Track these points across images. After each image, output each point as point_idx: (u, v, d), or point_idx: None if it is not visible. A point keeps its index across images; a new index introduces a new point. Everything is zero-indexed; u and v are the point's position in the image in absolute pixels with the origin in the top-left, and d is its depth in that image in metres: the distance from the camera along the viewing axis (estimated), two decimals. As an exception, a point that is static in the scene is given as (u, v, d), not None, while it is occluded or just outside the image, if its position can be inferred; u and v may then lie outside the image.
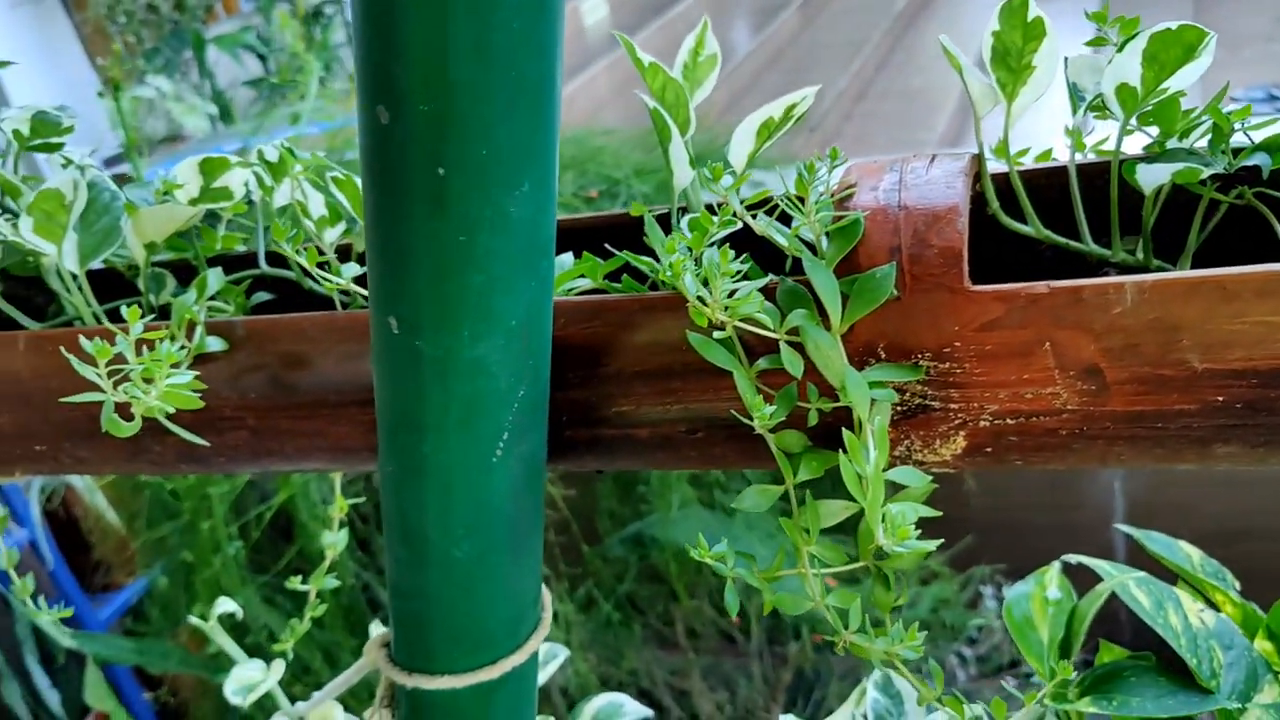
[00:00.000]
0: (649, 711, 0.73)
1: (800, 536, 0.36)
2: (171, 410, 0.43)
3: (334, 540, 0.68)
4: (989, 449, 0.39)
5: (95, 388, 0.43)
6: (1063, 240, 0.41)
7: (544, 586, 0.48)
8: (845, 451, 0.34)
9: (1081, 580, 0.62)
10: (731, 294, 0.37)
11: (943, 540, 0.39)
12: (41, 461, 0.57)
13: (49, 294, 0.60)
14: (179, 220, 0.53)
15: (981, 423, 0.39)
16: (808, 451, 0.39)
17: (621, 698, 0.73)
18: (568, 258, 0.46)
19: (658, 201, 1.30)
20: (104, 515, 1.89)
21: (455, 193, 0.33)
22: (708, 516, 1.51)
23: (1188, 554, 0.64)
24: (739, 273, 0.36)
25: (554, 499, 1.38)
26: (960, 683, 1.49)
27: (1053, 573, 0.63)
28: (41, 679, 2.12)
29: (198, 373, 0.45)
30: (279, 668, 0.74)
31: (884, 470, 0.34)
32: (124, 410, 0.44)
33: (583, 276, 0.46)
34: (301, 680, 1.28)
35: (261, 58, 2.93)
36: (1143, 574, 0.61)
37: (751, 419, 0.37)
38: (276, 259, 0.57)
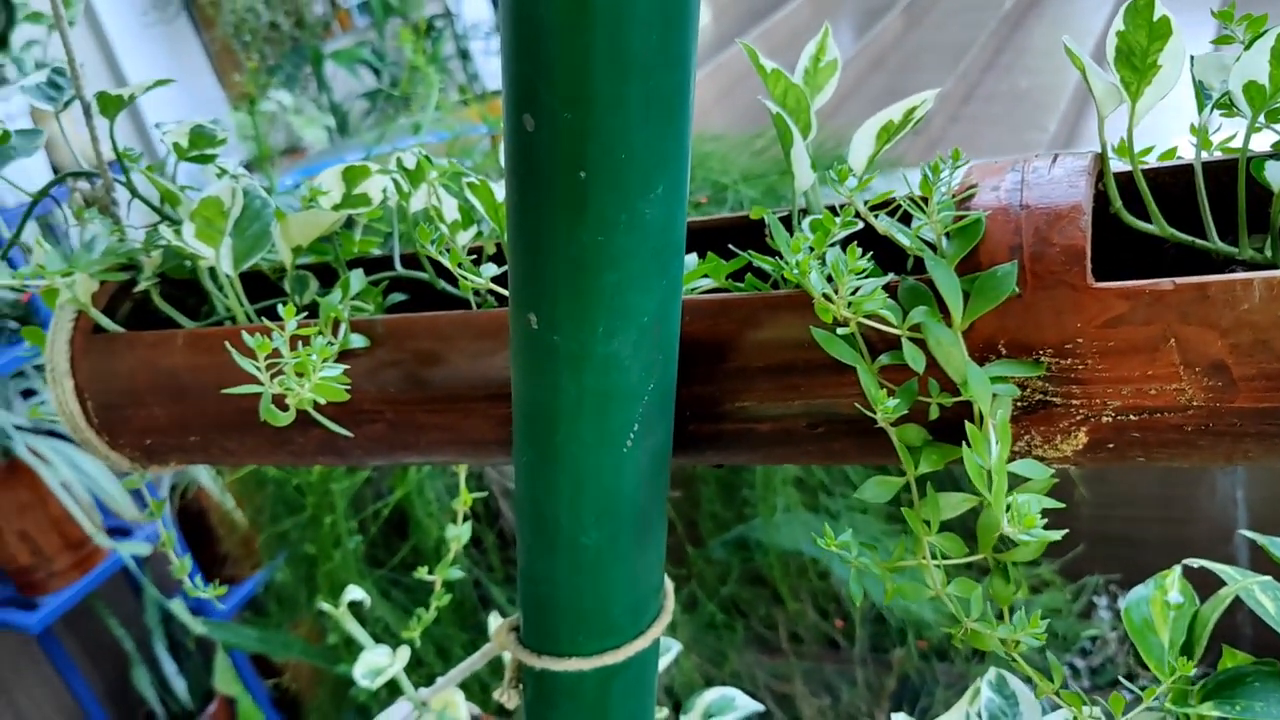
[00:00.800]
0: (760, 706, 0.74)
1: (921, 527, 0.37)
2: (322, 401, 0.46)
3: (457, 533, 0.71)
4: (1111, 444, 0.40)
5: (252, 380, 0.47)
6: (1188, 238, 0.42)
7: (665, 577, 0.50)
8: (968, 444, 0.35)
9: (1203, 590, 0.61)
10: (855, 291, 0.38)
11: (1059, 540, 0.39)
12: (193, 452, 0.62)
13: (201, 296, 0.65)
14: (323, 225, 0.57)
15: (1104, 418, 0.39)
16: (928, 445, 0.40)
17: (733, 692, 0.75)
18: (691, 258, 0.48)
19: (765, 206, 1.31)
20: (230, 511, 1.98)
21: (594, 195, 0.35)
22: (811, 520, 1.52)
23: (1317, 561, 0.62)
24: (863, 270, 0.37)
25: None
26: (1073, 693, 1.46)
27: (1173, 577, 0.62)
28: (169, 665, 2.23)
29: (346, 366, 0.48)
30: (404, 654, 0.78)
31: (1005, 463, 0.35)
32: (279, 402, 0.47)
33: (706, 276, 0.48)
34: (415, 672, 1.32)
35: (376, 71, 3.03)
36: (1268, 578, 0.60)
37: (874, 413, 0.38)
38: (410, 262, 0.60)
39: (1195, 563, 0.63)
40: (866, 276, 0.39)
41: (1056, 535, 0.34)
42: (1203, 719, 0.58)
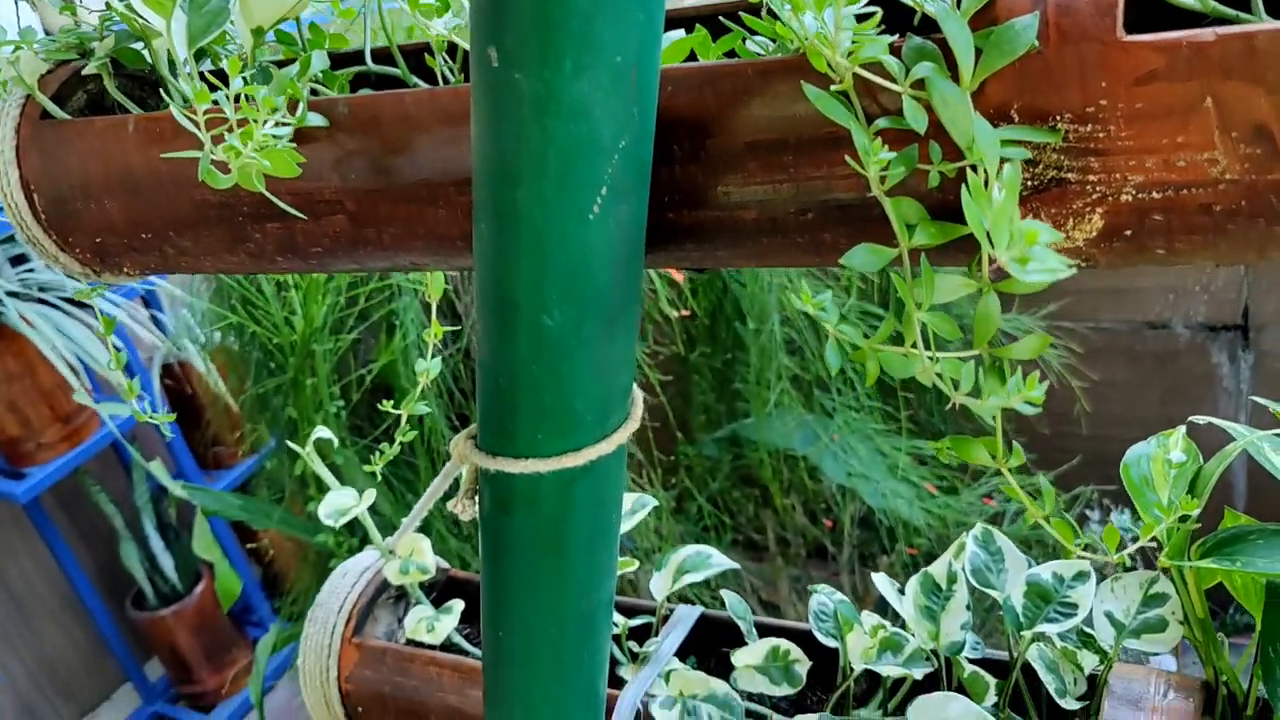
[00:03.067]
0: (734, 564, 0.71)
1: (911, 298, 0.33)
2: (267, 165, 0.42)
3: (426, 366, 0.68)
4: (1129, 231, 0.36)
5: (196, 145, 0.43)
6: (1231, 11, 0.37)
7: (635, 387, 0.47)
8: (968, 192, 0.31)
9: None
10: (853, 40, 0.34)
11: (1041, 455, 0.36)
12: (148, 253, 0.58)
13: (159, 98, 0.60)
14: (287, 4, 0.52)
15: (1123, 197, 0.35)
16: (925, 221, 0.36)
17: (709, 550, 0.72)
18: (677, 33, 0.44)
19: None
20: (220, 395, 1.96)
21: (563, -108, 0.31)
22: (805, 418, 1.49)
23: (1332, 429, 0.59)
24: (864, 11, 0.33)
25: (650, 384, 1.37)
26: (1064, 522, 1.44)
27: (1177, 435, 0.59)
28: (157, 543, 2.23)
29: (296, 146, 0.44)
30: (370, 496, 0.75)
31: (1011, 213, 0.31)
32: (222, 167, 0.43)
33: (694, 56, 0.43)
34: (390, 534, 1.30)
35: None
36: (1277, 435, 0.57)
37: (867, 177, 0.34)
38: (383, 58, 0.56)
39: (1201, 419, 0.59)
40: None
41: (1068, 272, 0.30)
42: (1196, 576, 0.55)
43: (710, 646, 0.71)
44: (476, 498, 0.49)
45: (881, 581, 0.64)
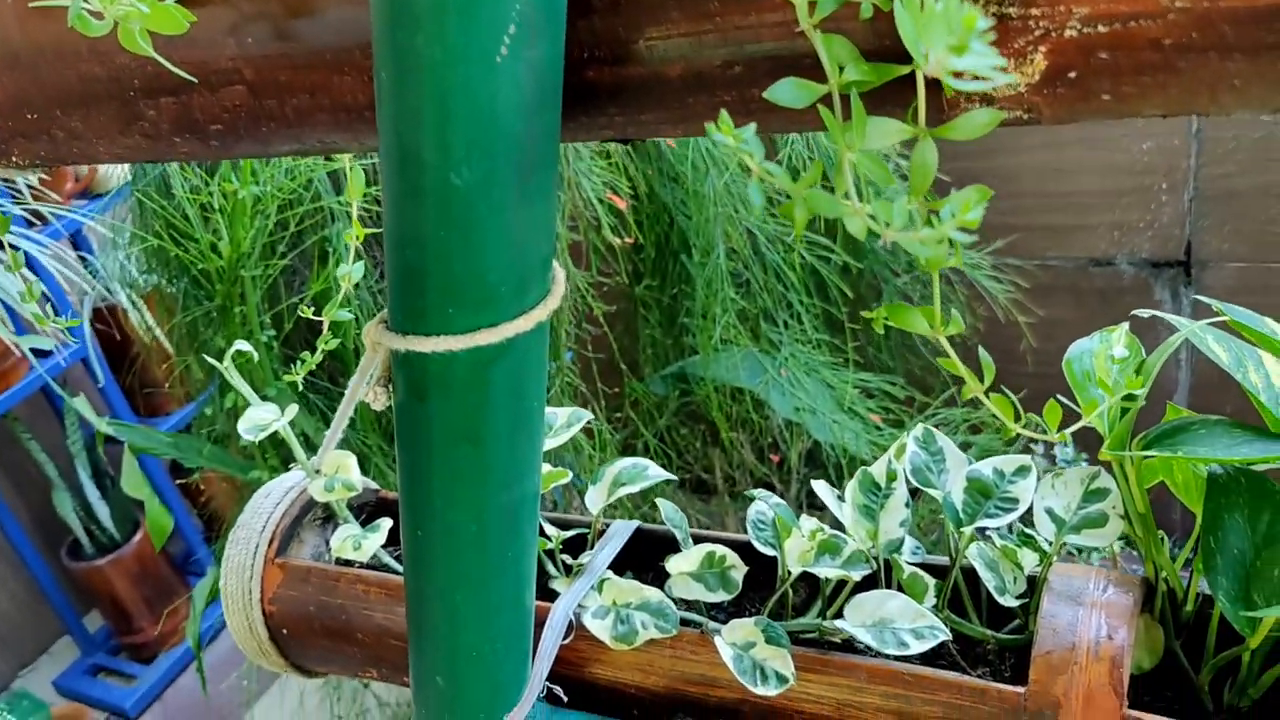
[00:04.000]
0: (671, 475, 0.69)
1: (841, 138, 0.31)
2: (144, 10, 0.38)
3: (347, 270, 0.65)
4: (1074, 73, 0.34)
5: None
6: None
7: (556, 263, 0.44)
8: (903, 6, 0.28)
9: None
10: None
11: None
12: (35, 137, 0.54)
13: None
14: None
15: (1068, 32, 0.33)
16: (858, 61, 0.33)
17: (645, 461, 0.70)
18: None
19: None
20: (151, 333, 1.90)
21: None
22: (752, 351, 1.47)
23: (1274, 328, 0.58)
24: None
25: (595, 316, 1.34)
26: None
27: (1120, 332, 0.58)
28: (92, 492, 2.17)
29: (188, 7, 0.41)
30: (292, 410, 0.72)
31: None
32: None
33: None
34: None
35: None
36: (1221, 331, 0.56)
37: (794, 4, 0.31)
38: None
39: (1146, 313, 0.58)
40: None
41: (1001, 115, 0.28)
42: (1138, 469, 0.54)
43: (648, 561, 0.70)
44: (390, 386, 0.46)
45: (822, 489, 0.63)
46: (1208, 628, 0.54)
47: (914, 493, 0.60)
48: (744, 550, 0.63)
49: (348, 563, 0.72)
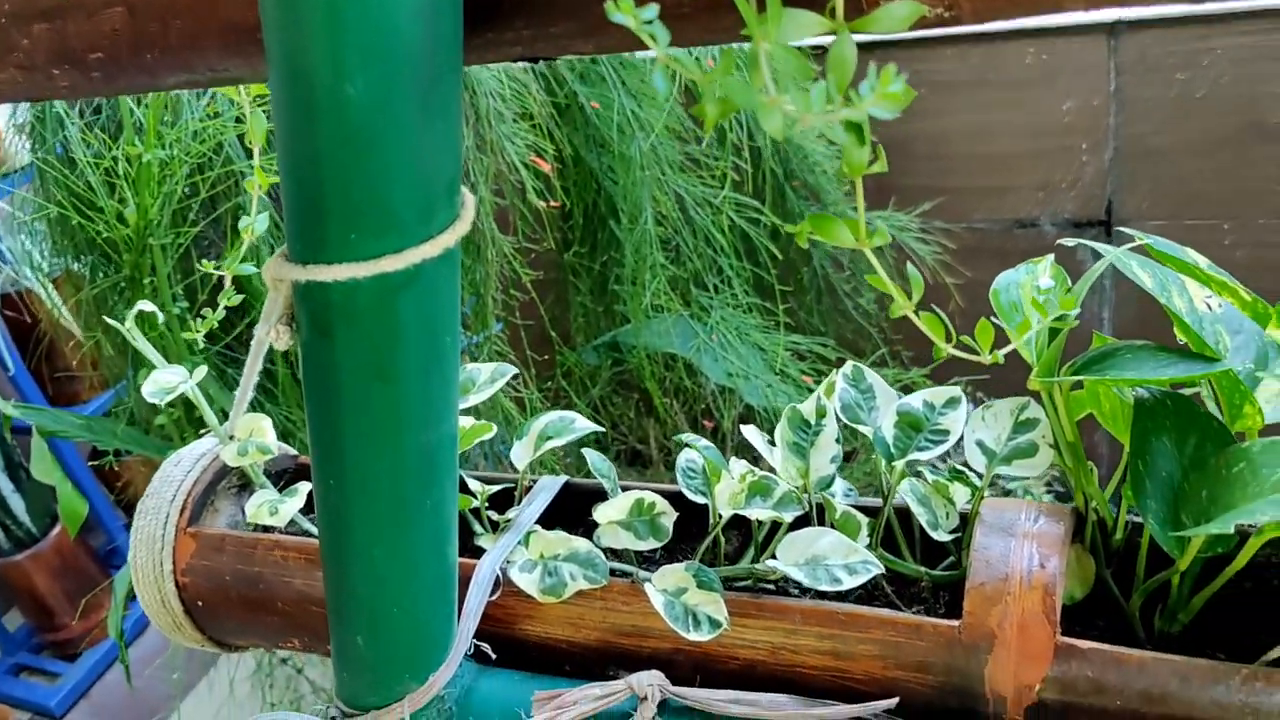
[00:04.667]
0: (599, 427, 0.68)
1: (758, 32, 0.29)
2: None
3: (249, 222, 0.62)
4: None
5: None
6: None
7: (466, 190, 0.42)
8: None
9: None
10: None
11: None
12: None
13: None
14: None
15: (988, -82, 0.31)
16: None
17: (572, 415, 0.68)
18: None
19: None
20: (65, 321, 1.82)
21: None
22: (684, 320, 1.46)
23: (1195, 259, 0.58)
24: None
25: (524, 283, 1.32)
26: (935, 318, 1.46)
27: (1046, 263, 0.57)
28: (5, 484, 2.09)
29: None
30: (200, 372, 0.68)
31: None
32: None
33: None
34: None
35: None
36: (1144, 258, 0.56)
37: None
38: None
39: (1071, 241, 0.58)
40: None
41: (922, 9, 0.26)
42: (1066, 395, 0.54)
43: (577, 517, 0.68)
44: (294, 325, 0.43)
45: (752, 433, 0.61)
46: (1137, 555, 0.54)
47: (848, 456, 0.59)
48: (676, 500, 0.62)
49: (266, 529, 0.69)
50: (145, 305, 0.68)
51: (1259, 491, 0.45)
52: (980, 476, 0.56)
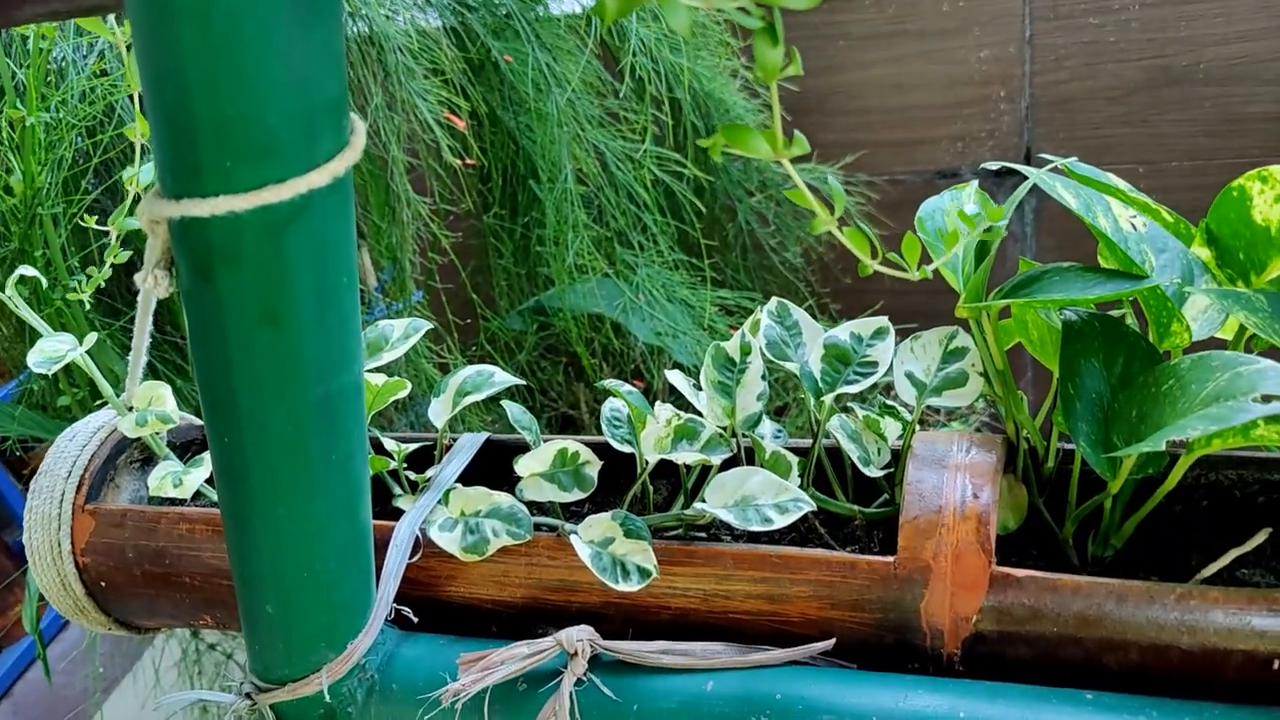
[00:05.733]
0: (519, 380, 0.65)
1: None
2: None
3: (134, 173, 0.57)
4: None
5: None
6: None
7: (354, 114, 0.39)
8: None
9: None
10: None
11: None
12: None
13: None
14: None
15: None
16: None
17: (491, 368, 0.65)
18: None
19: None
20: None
21: None
22: (609, 280, 1.43)
23: (1115, 180, 0.57)
24: None
25: (445, 249, 1.28)
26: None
27: (970, 189, 0.56)
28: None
29: None
30: (90, 339, 0.64)
31: None
32: None
33: None
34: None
35: None
36: (1067, 179, 0.55)
37: None
38: None
39: (994, 165, 0.57)
40: None
41: None
42: (994, 321, 0.53)
43: (503, 476, 0.65)
44: (174, 270, 0.40)
45: (677, 377, 0.59)
46: (1069, 483, 0.53)
47: (780, 411, 0.57)
48: (602, 451, 0.60)
49: (171, 502, 0.66)
50: (27, 270, 0.64)
51: (1189, 407, 0.44)
52: (911, 410, 0.54)
